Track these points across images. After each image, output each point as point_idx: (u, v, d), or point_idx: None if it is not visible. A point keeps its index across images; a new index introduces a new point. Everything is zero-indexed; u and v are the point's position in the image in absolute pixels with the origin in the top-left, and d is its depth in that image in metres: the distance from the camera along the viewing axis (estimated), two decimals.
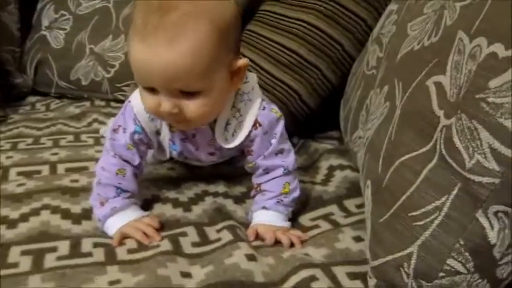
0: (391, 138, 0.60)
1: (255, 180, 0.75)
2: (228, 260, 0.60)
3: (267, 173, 0.73)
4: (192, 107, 0.62)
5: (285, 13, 1.09)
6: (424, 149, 0.53)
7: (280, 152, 0.73)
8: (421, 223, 0.49)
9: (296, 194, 0.73)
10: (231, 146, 0.71)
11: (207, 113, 0.65)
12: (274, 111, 0.72)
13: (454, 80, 0.52)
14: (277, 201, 0.71)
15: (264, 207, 0.71)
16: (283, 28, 1.06)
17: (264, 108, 0.72)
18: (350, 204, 0.77)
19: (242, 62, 0.66)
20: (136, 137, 0.71)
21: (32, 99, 1.32)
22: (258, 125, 0.71)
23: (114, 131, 0.72)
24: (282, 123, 0.73)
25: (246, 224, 0.72)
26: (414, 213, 0.50)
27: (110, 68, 1.28)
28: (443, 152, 0.50)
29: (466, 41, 0.53)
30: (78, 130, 1.09)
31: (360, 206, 0.76)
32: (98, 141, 1.02)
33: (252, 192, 0.75)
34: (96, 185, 0.70)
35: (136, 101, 0.70)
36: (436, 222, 0.48)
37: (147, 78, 0.61)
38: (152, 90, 0.62)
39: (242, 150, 0.77)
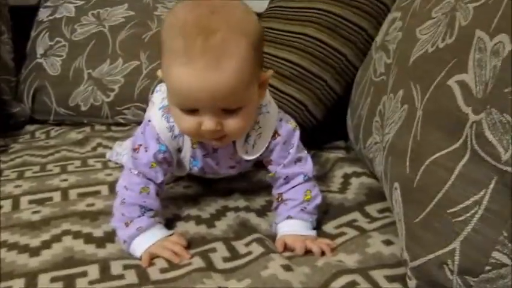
0: (416, 139, 0.61)
1: (276, 191, 0.75)
2: (265, 272, 0.60)
3: (287, 182, 0.74)
4: (232, 123, 0.63)
5: (283, 28, 1.11)
6: (454, 146, 0.54)
7: (299, 160, 0.74)
8: (461, 219, 0.50)
9: (318, 200, 0.74)
10: (252, 157, 0.73)
11: (246, 127, 0.67)
12: (290, 122, 0.75)
13: (478, 77, 0.53)
14: (301, 209, 0.72)
15: (288, 217, 0.72)
16: (283, 43, 1.08)
17: (280, 120, 0.74)
18: (371, 209, 0.77)
19: (268, 73, 0.69)
20: (160, 156, 0.71)
21: (30, 127, 1.30)
22: (277, 135, 0.73)
23: (135, 150, 0.71)
24: (298, 133, 0.75)
25: (272, 237, 0.71)
26: (453, 210, 0.51)
27: (110, 92, 1.28)
28: (476, 147, 0.51)
29: (486, 39, 0.54)
30: (84, 155, 1.07)
31: (382, 210, 0.77)
32: (106, 165, 1.01)
33: (274, 204, 0.75)
34: (119, 205, 0.69)
35: (157, 120, 0.71)
36: (477, 216, 0.49)
37: (193, 101, 0.61)
38: (192, 111, 0.62)
39: (258, 164, 0.77)
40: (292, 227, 0.71)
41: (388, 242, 0.67)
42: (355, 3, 1.03)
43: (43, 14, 1.42)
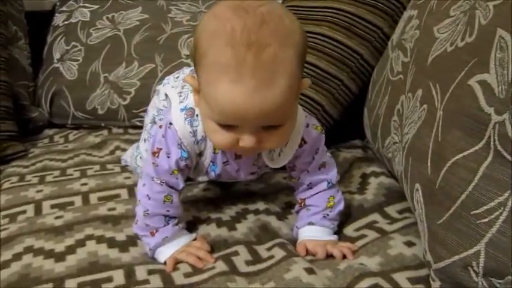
0: (437, 139, 0.61)
1: (299, 195, 0.74)
2: (288, 275, 0.60)
3: (311, 188, 0.73)
4: (272, 139, 0.61)
5: None
6: (476, 147, 0.53)
7: (323, 165, 0.73)
8: (485, 220, 0.50)
9: (341, 206, 0.73)
10: (278, 165, 0.71)
11: (284, 142, 0.66)
12: (315, 127, 0.72)
13: (500, 76, 0.53)
14: (323, 216, 0.71)
15: (310, 223, 0.71)
16: None
17: (307, 126, 0.71)
18: (391, 210, 0.77)
19: (306, 82, 0.64)
20: (182, 163, 0.68)
21: (49, 132, 1.32)
22: (303, 142, 0.70)
23: (154, 154, 0.68)
24: (323, 137, 0.73)
25: (293, 241, 0.71)
26: (477, 211, 0.51)
27: (126, 95, 1.29)
28: (499, 147, 0.51)
29: (507, 37, 0.53)
30: (103, 159, 1.08)
31: (402, 211, 0.76)
32: (124, 169, 1.02)
33: (296, 208, 0.75)
34: (143, 216, 0.68)
35: (180, 124, 0.67)
36: (502, 218, 0.48)
37: (238, 119, 0.58)
38: (231, 126, 0.59)
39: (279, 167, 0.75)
40: (313, 232, 0.70)
41: (409, 244, 0.67)
42: (369, 2, 1.03)
43: (59, 19, 1.43)
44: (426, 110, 0.67)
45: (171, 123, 0.68)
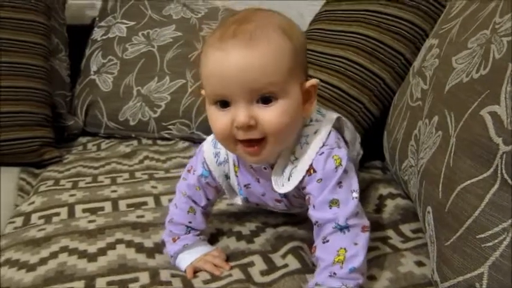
0: (449, 165, 0.64)
1: (315, 241, 0.65)
2: None
3: (320, 230, 0.63)
4: (268, 116, 0.59)
5: (323, 50, 1.15)
6: (485, 175, 0.57)
7: (335, 203, 0.62)
8: (490, 244, 0.53)
9: (356, 263, 0.59)
10: (284, 191, 0.67)
11: (285, 125, 0.61)
12: (335, 157, 0.64)
13: (509, 109, 0.56)
14: (330, 275, 0.59)
15: (316, 284, 0.61)
16: (322, 65, 1.12)
17: (322, 154, 0.64)
18: (406, 229, 0.80)
19: (312, 81, 0.65)
20: (203, 180, 0.73)
21: (82, 139, 1.40)
22: (312, 170, 0.64)
23: (188, 171, 0.76)
24: (339, 172, 0.63)
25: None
26: (482, 235, 0.54)
27: (157, 109, 1.35)
28: (505, 176, 0.54)
29: None
30: (132, 168, 1.15)
31: (416, 231, 0.79)
32: (151, 177, 1.08)
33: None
34: (168, 222, 0.75)
35: (207, 145, 0.74)
36: (505, 243, 0.51)
37: (223, 84, 0.59)
38: (225, 105, 0.60)
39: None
40: None
41: (420, 263, 0.70)
42: (393, 29, 1.06)
43: (97, 34, 1.52)
44: (441, 137, 0.70)
45: (202, 146, 0.75)
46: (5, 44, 1.22)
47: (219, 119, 0.62)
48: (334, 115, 0.73)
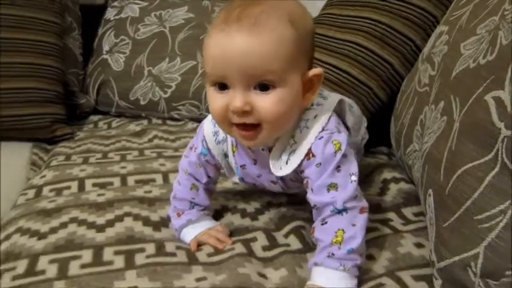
0: (451, 149, 0.65)
1: (314, 222, 0.66)
2: (300, 271, 0.65)
3: (319, 213, 0.64)
4: (264, 104, 0.59)
5: (333, 35, 1.15)
6: (486, 158, 0.57)
7: (333, 187, 0.63)
8: (486, 225, 0.54)
9: (354, 244, 0.60)
10: (282, 174, 0.67)
11: (280, 114, 0.61)
12: (334, 142, 0.64)
13: None
14: (328, 255, 0.61)
15: (315, 263, 0.62)
16: (333, 49, 1.13)
17: (321, 138, 0.64)
18: (408, 212, 0.81)
19: (315, 70, 0.64)
20: (202, 158, 0.74)
21: (94, 118, 1.43)
22: (311, 155, 0.64)
23: (190, 149, 0.77)
24: (338, 156, 0.63)
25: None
26: (479, 217, 0.55)
27: (167, 89, 1.37)
28: (505, 160, 0.54)
29: None
30: (141, 146, 1.17)
31: (418, 214, 0.81)
32: (160, 155, 1.10)
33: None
34: (172, 198, 0.77)
35: (207, 124, 0.74)
36: (501, 224, 0.52)
37: (223, 67, 0.59)
38: (223, 88, 0.61)
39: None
40: (322, 278, 0.60)
41: (419, 245, 0.71)
42: (404, 14, 1.06)
43: (110, 13, 1.53)
44: (445, 122, 0.71)
45: (203, 123, 0.76)
46: (19, 21, 1.24)
47: (216, 101, 0.62)
48: (336, 98, 0.72)
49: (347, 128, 0.74)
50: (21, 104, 1.20)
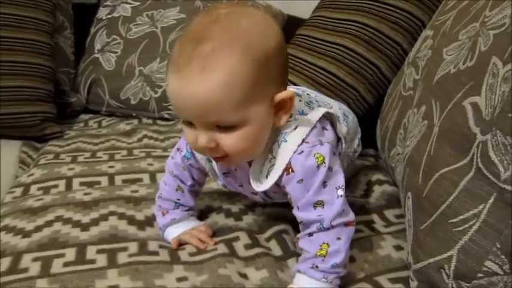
0: (430, 153, 0.66)
1: (299, 233, 0.66)
2: (281, 274, 0.66)
3: (307, 227, 0.64)
4: (228, 141, 0.58)
5: (322, 37, 1.17)
6: (461, 163, 0.59)
7: (319, 204, 0.62)
8: (460, 229, 0.55)
9: (337, 259, 0.61)
10: (261, 189, 0.65)
11: (246, 149, 0.60)
12: (317, 156, 0.62)
13: (489, 100, 0.58)
14: (312, 266, 0.62)
15: (299, 270, 0.63)
16: (321, 52, 1.14)
17: (301, 152, 0.62)
18: (390, 214, 0.83)
19: (285, 94, 0.60)
20: (186, 161, 0.74)
21: (84, 116, 1.43)
22: (290, 170, 0.62)
23: (177, 150, 0.76)
24: (322, 171, 0.61)
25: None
26: (454, 220, 0.56)
27: (157, 89, 1.38)
28: (480, 165, 0.56)
29: (499, 65, 0.58)
30: (130, 146, 1.17)
31: (399, 216, 0.82)
32: (149, 155, 1.10)
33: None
34: (157, 198, 0.77)
35: None
36: (474, 227, 0.54)
37: (181, 111, 0.58)
38: (190, 124, 0.59)
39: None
40: (301, 282, 0.62)
41: (398, 247, 0.73)
42: (392, 19, 1.08)
43: (102, 13, 1.54)
44: (426, 126, 0.72)
45: None
46: (11, 19, 1.24)
47: (187, 134, 0.61)
48: (322, 110, 0.68)
49: (338, 138, 0.72)
50: (12, 102, 1.20)
